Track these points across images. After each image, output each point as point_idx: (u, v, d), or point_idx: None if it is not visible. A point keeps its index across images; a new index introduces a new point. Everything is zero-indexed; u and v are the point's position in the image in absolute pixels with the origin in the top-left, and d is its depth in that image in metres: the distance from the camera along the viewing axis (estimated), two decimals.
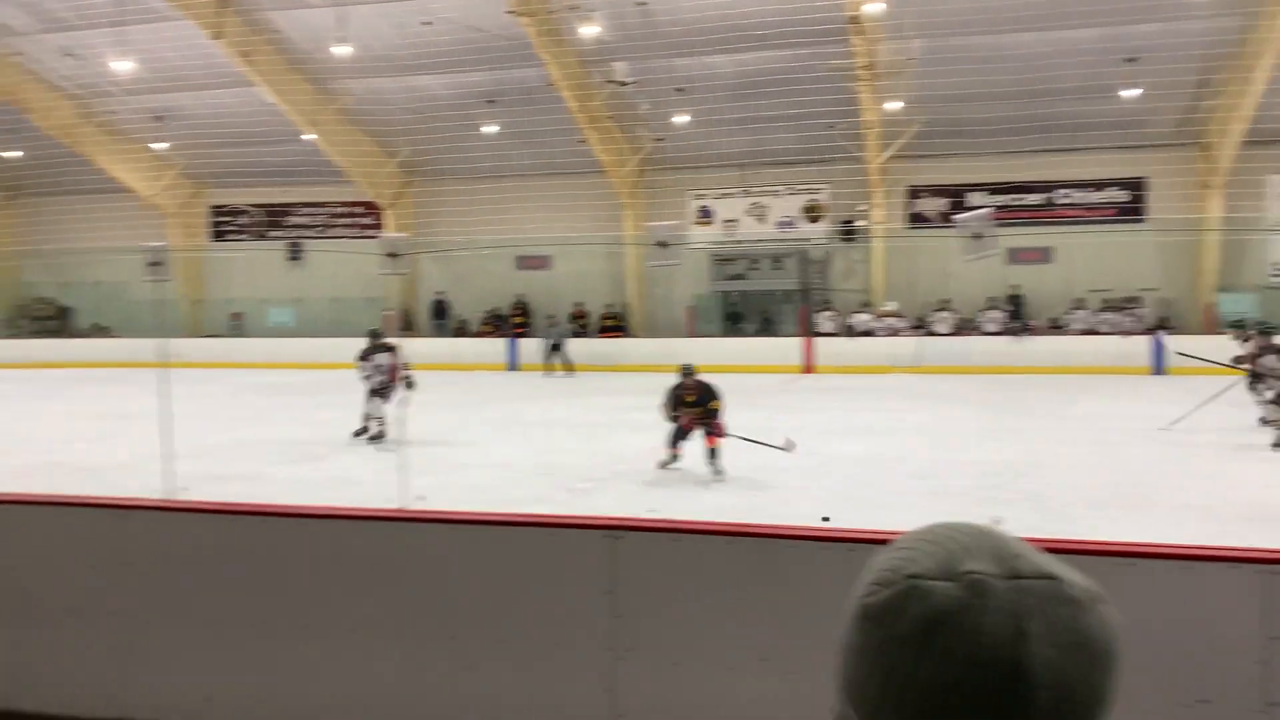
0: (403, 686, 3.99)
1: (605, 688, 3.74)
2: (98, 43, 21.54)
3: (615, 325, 24.71)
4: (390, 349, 12.91)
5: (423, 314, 26.56)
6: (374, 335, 13.25)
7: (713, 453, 9.94)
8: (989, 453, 11.28)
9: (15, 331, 27.93)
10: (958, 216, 3.92)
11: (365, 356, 12.75)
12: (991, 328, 21.98)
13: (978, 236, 3.77)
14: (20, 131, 25.20)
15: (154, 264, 4.20)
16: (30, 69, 23.60)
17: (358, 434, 12.43)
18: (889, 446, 11.94)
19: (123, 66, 20.76)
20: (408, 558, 4.01)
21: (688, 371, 10.34)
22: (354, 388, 12.24)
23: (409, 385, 12.27)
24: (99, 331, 27.97)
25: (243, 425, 13.30)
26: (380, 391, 12.47)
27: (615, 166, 23.58)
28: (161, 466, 4.49)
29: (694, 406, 10.05)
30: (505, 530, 3.89)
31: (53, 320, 28.83)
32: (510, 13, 18.79)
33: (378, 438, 12.31)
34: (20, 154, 26.65)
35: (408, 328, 25.81)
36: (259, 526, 4.17)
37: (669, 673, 3.71)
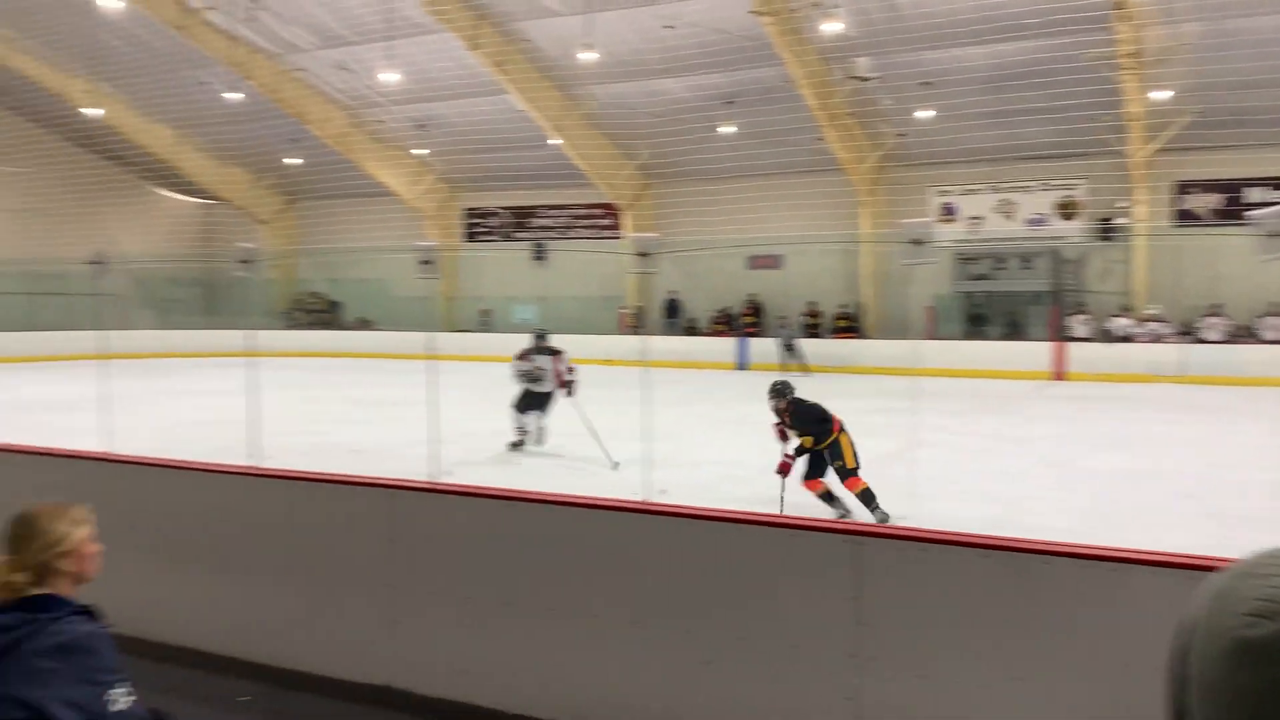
0: (641, 675, 4.07)
1: (846, 695, 3.67)
2: (369, 56, 23.32)
3: (849, 326, 24.25)
4: (555, 352, 11.76)
5: (655, 312, 27.07)
6: (539, 336, 12.01)
7: (867, 496, 7.80)
8: (1271, 473, 10.23)
9: (292, 323, 30.70)
10: (1253, 213, 3.55)
11: (524, 356, 11.66)
12: (1271, 335, 19.94)
13: (1276, 235, 3.40)
14: (301, 141, 27.70)
15: (425, 262, 4.50)
16: (311, 83, 25.86)
17: (514, 446, 11.41)
18: (1151, 462, 11.06)
19: (390, 78, 22.36)
20: (650, 549, 4.09)
21: (779, 391, 8.30)
22: (590, 381, 12.51)
23: (569, 392, 11.44)
24: (363, 324, 30.31)
25: (491, 415, 13.95)
26: (538, 400, 11.47)
27: (854, 164, 23.13)
28: (429, 451, 4.79)
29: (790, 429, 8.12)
30: (748, 529, 3.89)
31: (324, 313, 31.50)
32: (753, 13, 18.82)
33: (523, 444, 11.45)
34: (300, 161, 29.29)
35: (640, 326, 26.39)
36: (513, 511, 4.37)
37: (914, 686, 3.59)
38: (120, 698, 2.31)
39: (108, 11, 21.44)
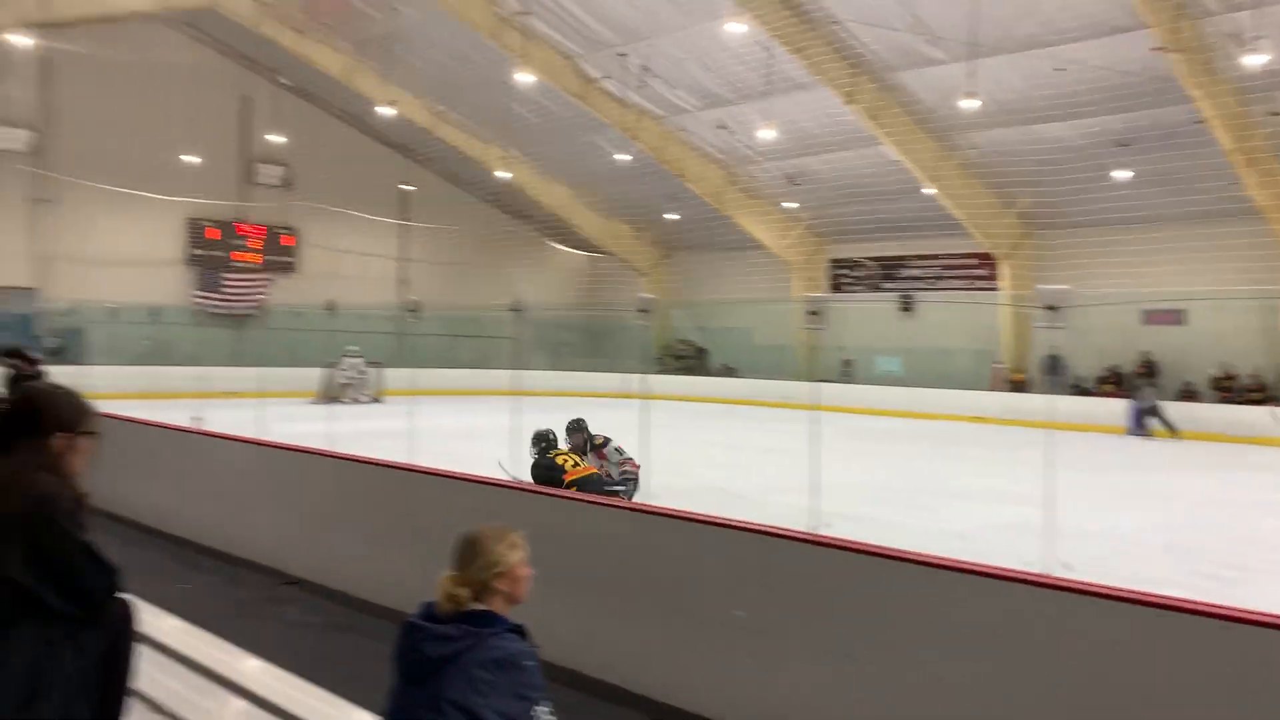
0: None
1: None
2: (747, 115, 24.16)
3: (1264, 395, 21.37)
4: (596, 446, 9.51)
5: (1034, 368, 25.43)
6: (575, 428, 9.59)
7: None
8: None
9: (663, 368, 32.24)
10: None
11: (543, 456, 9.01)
12: None
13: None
14: (679, 197, 29.24)
15: (812, 313, 4.52)
16: (689, 142, 27.23)
17: None
18: None
19: (766, 135, 23.00)
20: (1046, 630, 3.76)
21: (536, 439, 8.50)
22: (958, 439, 11.93)
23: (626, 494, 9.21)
24: (728, 371, 31.21)
25: (849, 468, 13.78)
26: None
27: (1277, 210, 20.46)
28: (809, 501, 4.79)
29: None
30: (1170, 616, 3.47)
31: (692, 360, 32.81)
32: (1156, 50, 17.34)
33: None
34: (677, 216, 30.89)
35: (1019, 384, 24.91)
36: (901, 573, 4.21)
37: None
38: (544, 715, 2.49)
39: (520, 85, 23.96)
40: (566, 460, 8.40)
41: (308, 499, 7.77)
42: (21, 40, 23.26)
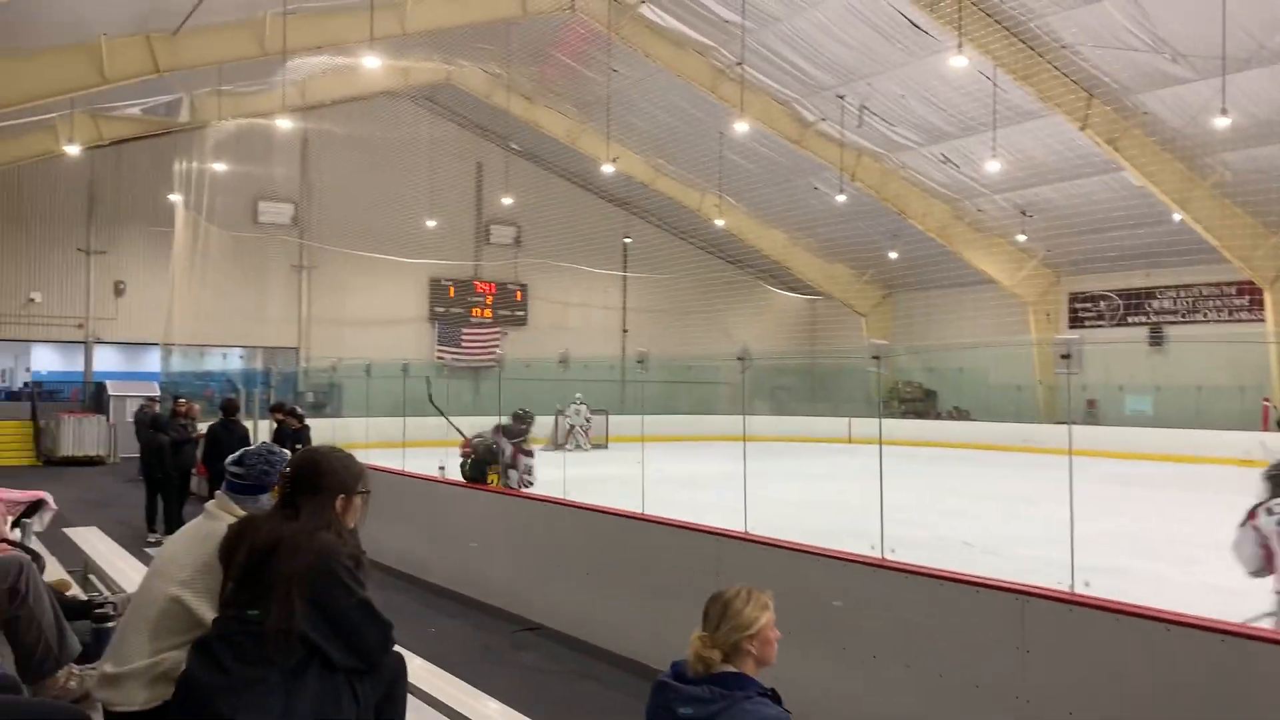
0: None
1: None
2: (972, 147, 23.37)
3: None
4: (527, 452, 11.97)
5: None
6: (520, 416, 12.71)
7: None
8: None
9: (888, 412, 31.35)
10: None
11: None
12: None
13: None
14: (901, 234, 28.55)
15: (1064, 356, 4.25)
16: (911, 178, 26.57)
17: None
18: None
19: (993, 167, 22.12)
20: None
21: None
22: (1219, 484, 10.87)
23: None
24: (959, 414, 29.96)
25: (1103, 516, 12.81)
26: None
27: None
28: (1064, 555, 4.49)
29: None
30: None
31: (919, 402, 31.72)
32: None
33: None
34: (897, 255, 30.14)
35: None
36: (1179, 641, 3.83)
37: None
38: None
39: (735, 134, 24.21)
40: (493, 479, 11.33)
41: (545, 546, 8.01)
42: (285, 124, 25.72)
